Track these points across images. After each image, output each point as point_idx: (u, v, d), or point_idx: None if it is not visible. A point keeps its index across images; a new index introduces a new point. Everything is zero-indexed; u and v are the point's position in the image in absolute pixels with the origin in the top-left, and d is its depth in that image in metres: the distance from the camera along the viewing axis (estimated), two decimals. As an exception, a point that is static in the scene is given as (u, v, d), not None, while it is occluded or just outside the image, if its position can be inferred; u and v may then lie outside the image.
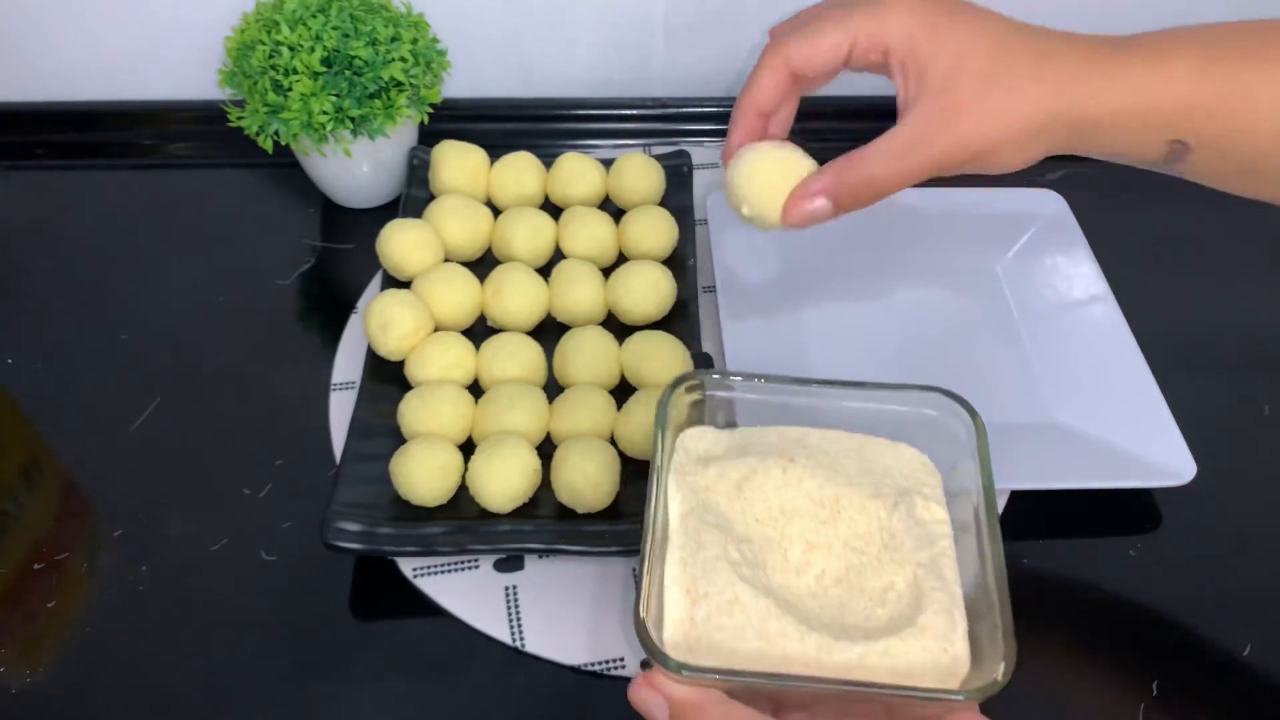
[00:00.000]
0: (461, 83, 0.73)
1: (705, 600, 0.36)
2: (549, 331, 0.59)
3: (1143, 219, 0.69)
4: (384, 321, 0.55)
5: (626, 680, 0.47)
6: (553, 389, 0.56)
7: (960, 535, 0.39)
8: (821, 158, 0.44)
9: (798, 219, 0.42)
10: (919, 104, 0.39)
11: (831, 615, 0.37)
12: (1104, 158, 0.41)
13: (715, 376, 0.42)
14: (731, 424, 0.43)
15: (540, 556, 0.50)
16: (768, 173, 0.44)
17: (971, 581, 0.37)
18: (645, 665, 0.35)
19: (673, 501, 0.39)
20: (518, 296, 0.57)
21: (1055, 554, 0.52)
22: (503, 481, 0.49)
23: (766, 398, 0.42)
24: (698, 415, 0.42)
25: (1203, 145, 0.38)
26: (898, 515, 0.39)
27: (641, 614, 0.35)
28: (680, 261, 0.62)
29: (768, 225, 0.44)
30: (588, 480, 0.49)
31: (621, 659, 0.47)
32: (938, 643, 0.35)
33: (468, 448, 0.52)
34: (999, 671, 0.34)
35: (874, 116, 0.74)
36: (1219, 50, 0.37)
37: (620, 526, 0.50)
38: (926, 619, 0.36)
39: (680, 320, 0.59)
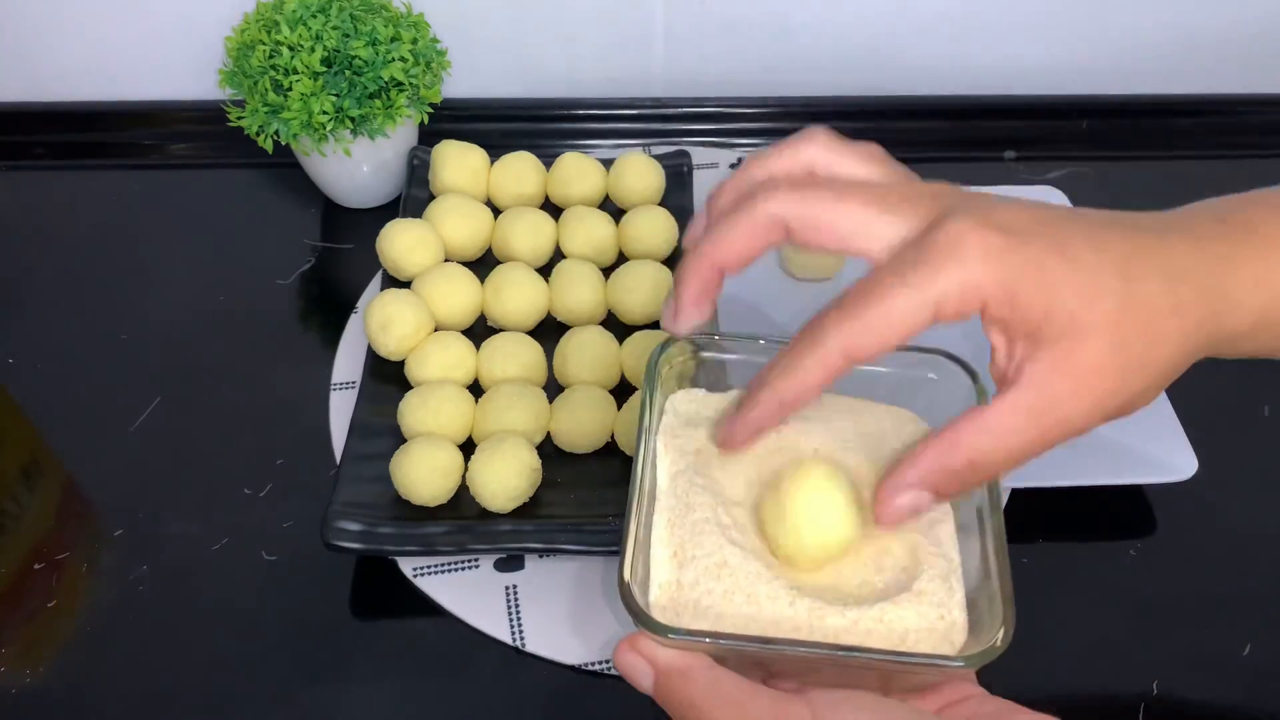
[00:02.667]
0: (461, 83, 0.72)
1: (693, 563, 0.35)
2: (549, 331, 0.58)
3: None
4: (384, 321, 0.55)
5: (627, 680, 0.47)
6: (553, 389, 0.56)
7: (958, 504, 0.38)
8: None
9: (894, 521, 0.33)
10: (1033, 367, 0.30)
11: (825, 581, 0.36)
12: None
13: (707, 337, 0.41)
14: (724, 386, 0.42)
15: (540, 556, 0.50)
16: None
17: (970, 550, 0.37)
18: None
19: (661, 463, 0.38)
20: (518, 296, 0.57)
21: (1055, 554, 0.52)
22: (503, 481, 0.49)
23: (759, 358, 0.40)
24: (688, 377, 0.41)
25: None
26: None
27: (626, 576, 0.33)
28: (680, 261, 0.62)
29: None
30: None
31: (621, 659, 0.47)
32: (934, 609, 0.34)
33: (468, 447, 0.52)
34: (998, 638, 0.32)
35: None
36: None
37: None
38: (923, 584, 0.35)
39: (680, 320, 0.59)
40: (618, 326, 0.59)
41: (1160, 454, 0.52)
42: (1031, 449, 0.31)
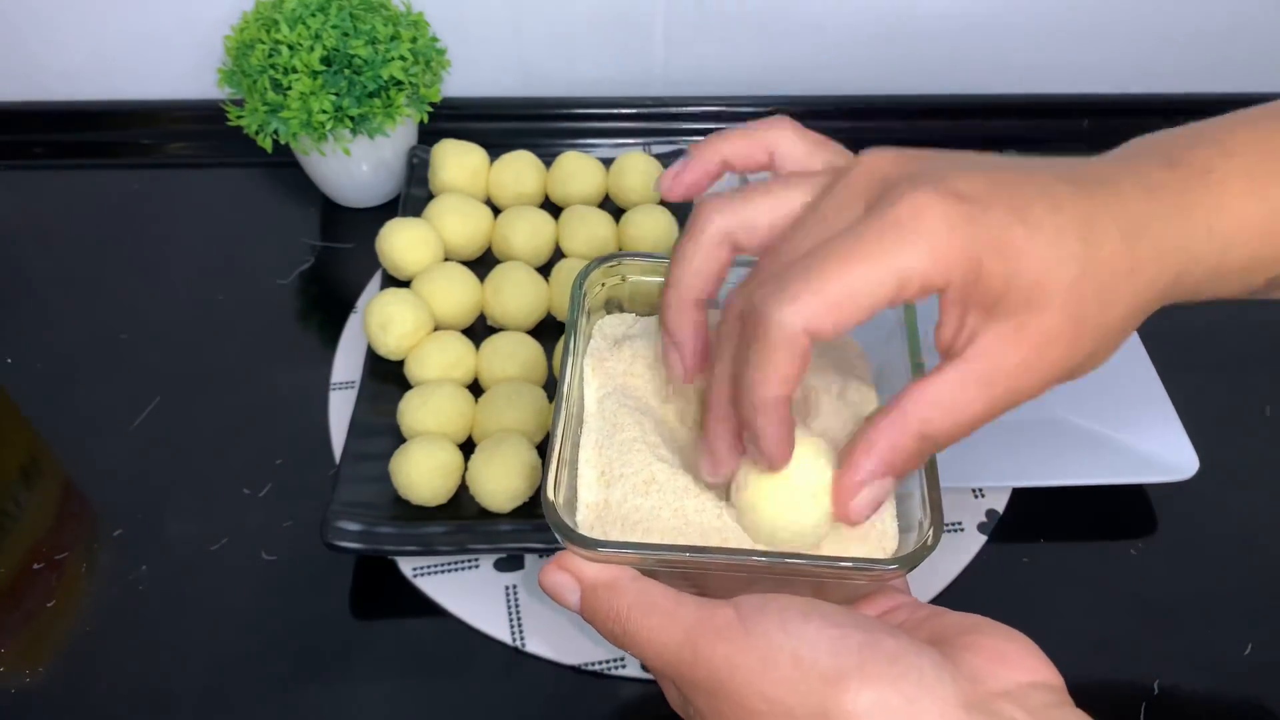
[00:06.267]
0: (461, 82, 0.72)
1: (620, 481, 0.34)
2: (549, 330, 0.58)
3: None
4: (384, 321, 0.55)
5: (627, 680, 0.47)
6: (553, 388, 0.56)
7: None
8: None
9: (860, 520, 0.32)
10: (984, 338, 0.29)
11: None
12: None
13: (636, 260, 0.40)
14: (653, 310, 0.41)
15: (541, 556, 0.50)
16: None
17: None
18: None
19: (589, 386, 0.38)
20: (518, 295, 0.57)
21: (1055, 554, 0.52)
22: (503, 481, 0.49)
23: None
24: (617, 301, 0.40)
25: None
26: (827, 398, 0.37)
27: (550, 494, 0.33)
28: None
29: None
30: None
31: (622, 659, 0.47)
32: None
33: (468, 447, 0.52)
34: (928, 537, 0.32)
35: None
36: None
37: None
38: None
39: (680, 320, 0.59)
40: (618, 326, 0.59)
41: (1161, 454, 0.52)
42: (982, 419, 0.30)
